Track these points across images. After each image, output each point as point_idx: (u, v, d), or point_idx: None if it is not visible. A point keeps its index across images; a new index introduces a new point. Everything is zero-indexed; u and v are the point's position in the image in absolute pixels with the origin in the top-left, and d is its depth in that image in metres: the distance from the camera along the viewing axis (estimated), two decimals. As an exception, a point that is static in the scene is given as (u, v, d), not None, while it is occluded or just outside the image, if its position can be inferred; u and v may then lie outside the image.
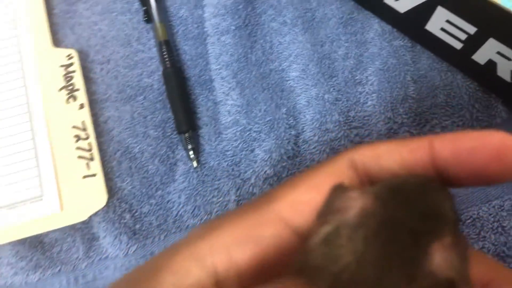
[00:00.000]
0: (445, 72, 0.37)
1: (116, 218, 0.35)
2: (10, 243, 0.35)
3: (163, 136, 0.37)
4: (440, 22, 0.33)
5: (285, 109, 0.37)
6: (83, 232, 0.35)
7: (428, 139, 0.17)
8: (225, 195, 0.36)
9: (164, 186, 0.36)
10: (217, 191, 0.36)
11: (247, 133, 0.37)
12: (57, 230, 0.35)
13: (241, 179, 0.36)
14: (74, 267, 0.35)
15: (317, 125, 0.37)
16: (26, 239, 0.35)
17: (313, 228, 0.16)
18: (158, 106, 0.38)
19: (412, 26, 0.37)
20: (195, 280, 0.16)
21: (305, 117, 0.37)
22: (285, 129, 0.37)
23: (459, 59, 0.36)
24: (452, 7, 0.31)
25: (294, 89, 0.38)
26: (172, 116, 0.37)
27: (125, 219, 0.36)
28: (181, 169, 0.37)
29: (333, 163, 0.18)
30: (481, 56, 0.33)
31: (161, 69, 0.38)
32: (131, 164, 0.37)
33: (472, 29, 0.32)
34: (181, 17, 0.40)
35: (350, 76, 0.38)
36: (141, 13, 0.40)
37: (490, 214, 0.34)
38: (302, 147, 0.37)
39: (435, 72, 0.37)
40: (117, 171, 0.37)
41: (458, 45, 0.34)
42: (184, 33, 0.40)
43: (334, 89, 0.38)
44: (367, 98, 0.37)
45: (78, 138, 0.36)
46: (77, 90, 0.37)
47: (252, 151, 0.37)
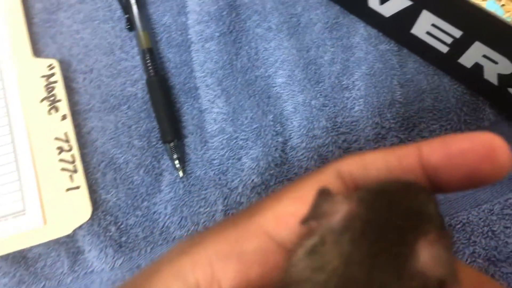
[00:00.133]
0: (432, 75, 0.37)
1: (101, 231, 0.35)
2: (-8, 259, 0.34)
3: (148, 146, 0.37)
4: (425, 25, 0.33)
5: (271, 116, 0.37)
6: (67, 246, 0.35)
7: (416, 145, 0.17)
8: (212, 205, 0.35)
9: (150, 197, 0.36)
10: (204, 201, 0.35)
11: (234, 141, 0.36)
12: (40, 245, 0.34)
13: (228, 188, 0.35)
14: (59, 282, 0.34)
15: (305, 131, 0.36)
16: (8, 254, 0.34)
17: (298, 241, 0.16)
18: (142, 116, 0.37)
19: (398, 30, 0.36)
20: None
21: (292, 123, 0.37)
22: (272, 136, 0.36)
23: (445, 62, 0.35)
24: (437, 10, 0.31)
25: (280, 96, 0.37)
26: (157, 126, 0.37)
27: (110, 231, 0.35)
28: (167, 179, 0.36)
29: (319, 175, 0.18)
30: (467, 59, 0.33)
31: (145, 77, 0.38)
32: (115, 175, 0.36)
33: (457, 33, 0.31)
34: (165, 24, 0.39)
35: (336, 82, 0.37)
36: (124, 21, 0.39)
37: (480, 219, 0.34)
38: (290, 154, 0.36)
39: (422, 75, 0.37)
40: (102, 183, 0.36)
41: (444, 49, 0.34)
42: (168, 40, 0.39)
43: (321, 94, 0.37)
44: (354, 103, 0.37)
45: (61, 150, 0.35)
46: (59, 101, 0.36)
47: (239, 159, 0.36)
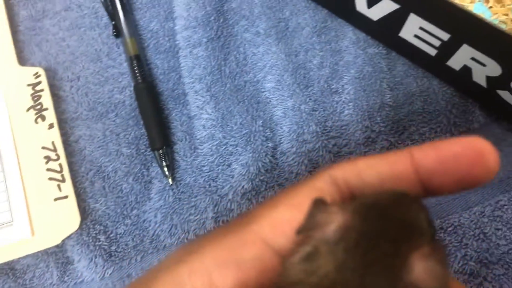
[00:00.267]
0: (421, 78, 0.37)
1: (91, 240, 0.34)
2: (-21, 272, 0.33)
3: (136, 153, 0.36)
4: (413, 29, 0.33)
5: (261, 121, 0.37)
6: (56, 256, 0.34)
7: (408, 150, 0.18)
8: (202, 212, 0.35)
9: (140, 205, 0.35)
10: (194, 208, 0.35)
11: (223, 147, 0.36)
12: (29, 256, 0.34)
13: (218, 195, 0.35)
14: (48, 293, 0.33)
15: (295, 136, 0.36)
16: (-4, 267, 0.33)
17: (293, 248, 0.16)
18: (130, 123, 0.37)
19: (386, 34, 0.36)
20: None
21: (282, 128, 0.36)
22: (262, 141, 0.36)
23: (434, 65, 0.35)
24: (424, 14, 0.31)
25: (270, 101, 0.37)
26: (146, 133, 0.36)
27: (100, 241, 0.34)
28: (156, 187, 0.36)
29: (313, 181, 0.18)
30: (455, 62, 0.33)
31: (132, 84, 0.37)
32: (104, 184, 0.36)
33: (445, 36, 0.31)
34: (152, 30, 0.39)
35: (326, 86, 0.37)
36: (111, 27, 0.39)
37: (472, 221, 0.34)
38: (280, 159, 0.36)
39: (411, 78, 0.37)
40: (90, 192, 0.35)
41: (433, 52, 0.34)
42: (156, 46, 0.39)
43: (310, 99, 0.37)
44: (343, 107, 0.37)
45: (48, 159, 0.35)
46: (46, 109, 0.36)
47: (229, 165, 0.36)
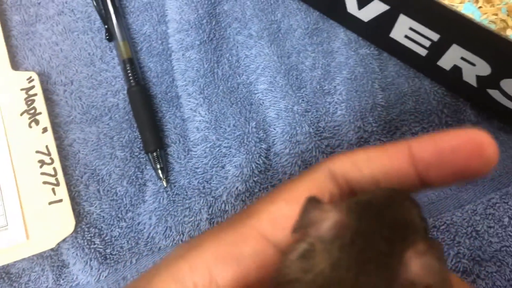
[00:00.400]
0: (412, 78, 0.37)
1: (86, 243, 0.34)
2: (-26, 276, 0.33)
3: (130, 156, 0.36)
4: (403, 29, 0.33)
5: (254, 123, 0.37)
6: (51, 260, 0.34)
7: (406, 143, 0.18)
8: (196, 214, 0.35)
9: (134, 208, 0.35)
10: (188, 210, 0.35)
11: (217, 149, 0.36)
12: (24, 260, 0.34)
13: (212, 197, 0.35)
14: (43, 297, 0.33)
15: (288, 137, 0.36)
16: (-9, 271, 0.33)
17: (291, 244, 0.16)
18: (124, 126, 0.37)
19: (377, 34, 0.36)
20: None
21: (275, 130, 0.37)
22: (255, 143, 0.36)
23: (425, 65, 0.36)
24: (414, 15, 0.31)
25: (262, 102, 0.37)
26: (139, 136, 0.36)
27: (95, 244, 0.35)
28: (150, 189, 0.36)
29: (311, 175, 0.18)
30: (446, 62, 0.33)
31: (126, 87, 0.37)
32: (99, 187, 0.36)
33: (435, 36, 0.31)
34: (145, 33, 0.39)
35: (318, 87, 0.37)
36: (103, 31, 0.39)
37: (464, 219, 0.34)
38: (274, 161, 0.36)
39: (402, 78, 0.37)
40: (85, 195, 0.36)
41: (423, 52, 0.34)
42: (149, 50, 0.39)
43: (303, 100, 0.37)
44: (336, 108, 0.37)
45: (42, 163, 0.35)
46: (39, 113, 0.36)
47: (223, 167, 0.36)
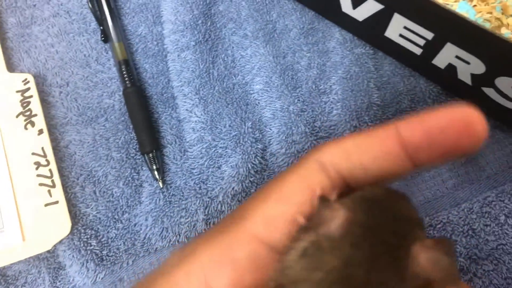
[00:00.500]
0: (408, 77, 0.37)
1: (82, 245, 0.34)
2: (-30, 279, 0.33)
3: (126, 157, 0.36)
4: (398, 28, 0.33)
5: (250, 123, 0.37)
6: (48, 262, 0.34)
7: (394, 126, 0.17)
8: (193, 214, 0.35)
9: (131, 209, 0.35)
10: (184, 211, 0.35)
11: (213, 150, 0.36)
12: (20, 262, 0.34)
13: (208, 197, 0.35)
14: (40, 299, 0.33)
15: (284, 137, 0.36)
16: (-13, 273, 0.33)
17: (289, 244, 0.16)
18: (120, 127, 0.37)
19: (372, 34, 0.36)
20: None
21: (271, 130, 0.37)
22: (251, 143, 0.36)
23: (420, 64, 0.36)
24: (408, 13, 0.31)
25: (258, 102, 0.37)
26: (135, 137, 0.36)
27: (91, 245, 0.34)
28: (147, 190, 0.36)
29: (301, 169, 0.18)
30: (440, 60, 0.33)
31: (121, 89, 0.37)
32: (95, 189, 0.36)
33: (429, 35, 0.31)
34: (140, 34, 0.39)
35: (314, 86, 0.38)
36: (99, 33, 0.39)
37: (460, 218, 0.34)
38: (270, 161, 0.36)
39: (398, 77, 0.37)
40: (81, 197, 0.36)
41: (418, 51, 0.34)
42: (144, 51, 0.39)
43: (298, 100, 0.37)
44: (332, 108, 0.37)
45: (38, 165, 0.35)
46: (35, 115, 0.36)
47: (219, 167, 0.36)
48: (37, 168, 0.35)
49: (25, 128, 0.36)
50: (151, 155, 0.35)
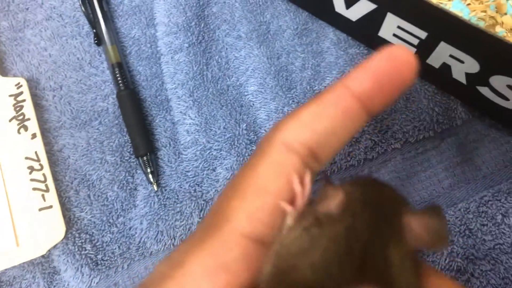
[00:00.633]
0: (402, 77, 0.37)
1: (77, 249, 0.34)
2: (-36, 285, 0.33)
3: (121, 160, 0.36)
4: (392, 28, 0.33)
5: (245, 124, 0.37)
6: (42, 267, 0.34)
7: (342, 84, 0.18)
8: (188, 217, 0.35)
9: (125, 213, 0.35)
10: (179, 214, 0.35)
11: (208, 152, 0.36)
12: (14, 267, 0.34)
13: (203, 200, 0.35)
14: (34, 304, 0.33)
15: (279, 138, 0.36)
16: (-19, 279, 0.33)
17: (278, 233, 0.17)
18: (114, 130, 0.37)
19: (366, 34, 0.36)
20: None
21: (266, 131, 0.36)
22: (246, 145, 0.36)
23: (415, 63, 0.36)
24: (401, 13, 0.31)
25: (253, 104, 0.37)
26: (129, 140, 0.36)
27: (86, 250, 0.34)
28: (141, 193, 0.36)
29: (270, 156, 0.18)
30: (435, 59, 0.33)
31: (115, 92, 0.37)
32: (89, 192, 0.35)
33: (423, 34, 0.31)
34: (133, 37, 0.39)
35: (308, 87, 0.37)
36: (92, 36, 0.39)
37: (457, 218, 0.34)
38: (265, 162, 0.36)
39: (393, 77, 0.37)
40: (75, 201, 0.35)
41: (412, 50, 0.34)
42: (138, 53, 0.39)
43: (293, 101, 0.37)
44: (327, 108, 0.37)
45: (31, 169, 0.35)
46: (28, 119, 0.35)
47: (214, 170, 0.36)
48: (30, 173, 0.35)
49: (18, 133, 0.35)
50: (145, 158, 0.35)
